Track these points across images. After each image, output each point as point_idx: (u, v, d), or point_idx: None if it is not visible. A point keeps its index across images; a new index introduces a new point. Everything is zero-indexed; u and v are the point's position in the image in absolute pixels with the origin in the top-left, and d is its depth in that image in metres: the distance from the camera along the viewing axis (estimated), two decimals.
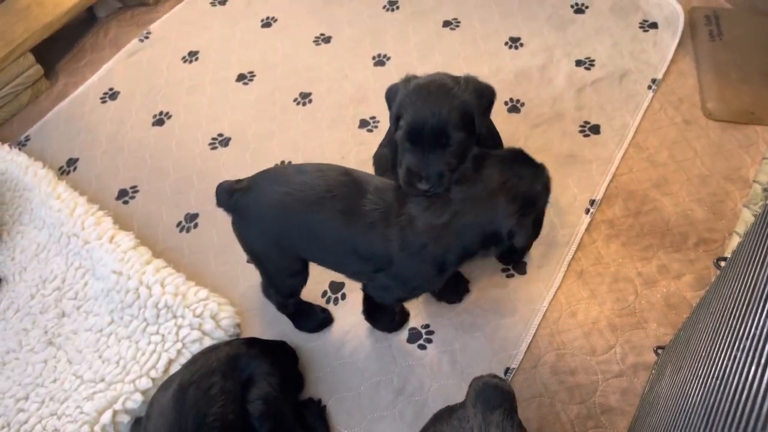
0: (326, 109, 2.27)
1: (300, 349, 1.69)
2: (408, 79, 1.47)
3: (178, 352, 1.64)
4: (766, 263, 0.84)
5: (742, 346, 0.74)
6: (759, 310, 0.77)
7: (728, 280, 1.04)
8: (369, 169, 1.91)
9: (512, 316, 1.71)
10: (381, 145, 1.90)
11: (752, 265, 0.91)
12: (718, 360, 0.80)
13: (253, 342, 1.57)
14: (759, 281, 0.83)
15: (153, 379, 1.60)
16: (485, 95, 1.45)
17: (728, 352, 0.78)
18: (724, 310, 0.93)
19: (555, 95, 2.18)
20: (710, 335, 0.94)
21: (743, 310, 0.82)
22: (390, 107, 1.50)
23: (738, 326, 0.79)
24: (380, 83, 2.32)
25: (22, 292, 1.89)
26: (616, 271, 1.76)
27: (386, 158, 1.85)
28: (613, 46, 2.30)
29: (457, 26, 2.47)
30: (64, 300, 1.84)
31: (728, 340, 0.81)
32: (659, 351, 1.54)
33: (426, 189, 1.38)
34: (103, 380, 1.63)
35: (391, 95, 1.50)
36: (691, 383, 0.93)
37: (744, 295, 0.86)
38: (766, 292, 0.79)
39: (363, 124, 2.20)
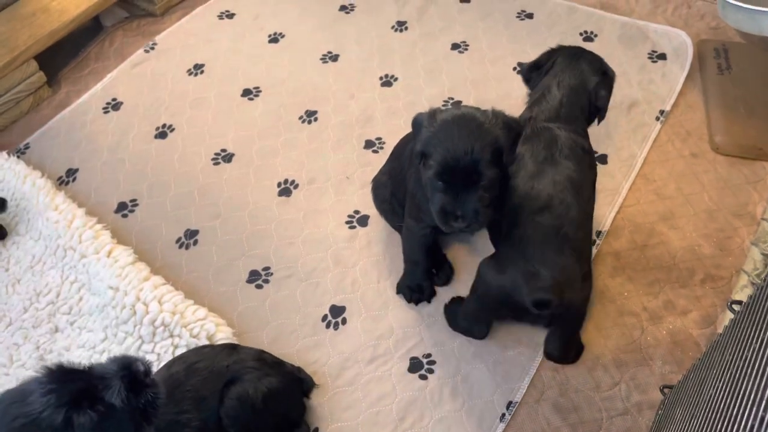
0: (332, 128, 2.25)
1: None
2: (433, 114, 1.42)
3: None
4: None
5: None
6: None
7: (745, 328, 1.02)
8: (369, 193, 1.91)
9: (515, 347, 1.67)
10: (381, 172, 1.88)
11: None
12: (742, 420, 0.78)
13: (261, 353, 1.54)
14: None
15: None
16: (514, 129, 1.43)
17: (753, 412, 0.75)
18: (744, 362, 0.91)
19: None
20: (729, 387, 0.91)
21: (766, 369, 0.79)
22: (415, 139, 1.46)
23: (763, 386, 0.76)
24: (387, 104, 2.30)
25: (15, 305, 1.85)
26: (621, 306, 1.74)
27: (384, 186, 1.82)
28: (621, 75, 2.28)
29: (466, 49, 2.46)
30: (58, 315, 1.80)
31: (752, 398, 0.78)
32: (666, 390, 1.51)
33: (463, 227, 1.39)
34: None
35: (416, 127, 1.46)
36: None
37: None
38: None
39: (368, 144, 2.18)
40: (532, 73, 1.75)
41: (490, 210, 1.38)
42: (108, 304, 1.73)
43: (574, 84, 1.64)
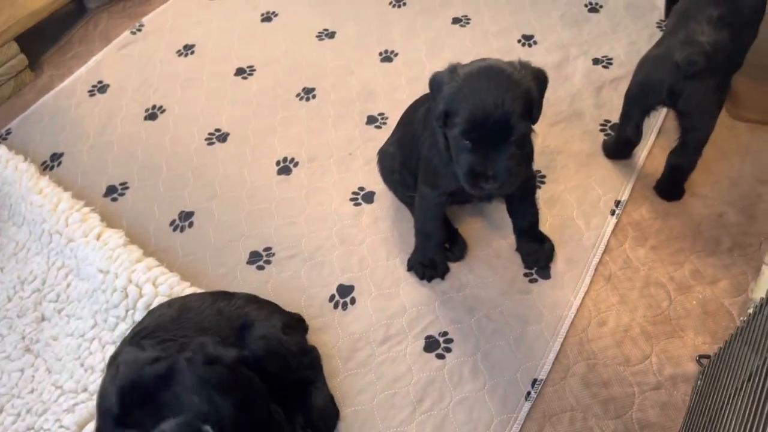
0: (331, 105, 2.14)
1: None
2: (453, 69, 1.31)
3: None
4: None
5: None
6: None
7: None
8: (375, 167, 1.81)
9: (537, 323, 1.57)
10: (387, 143, 1.79)
11: None
12: None
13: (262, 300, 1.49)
14: None
15: None
16: (542, 80, 1.33)
17: None
18: None
19: (573, 93, 2.08)
20: None
21: None
22: (435, 99, 1.35)
23: None
24: (388, 79, 2.20)
25: None
26: (646, 276, 1.64)
27: (392, 157, 1.73)
28: (631, 45, 2.20)
29: (467, 23, 2.37)
30: (44, 303, 1.68)
31: None
32: (703, 360, 1.41)
33: (495, 188, 1.28)
34: (85, 390, 1.47)
35: (435, 86, 1.35)
36: None
37: None
38: None
39: (371, 120, 2.07)
40: None
41: (522, 168, 1.28)
42: (97, 288, 1.61)
43: None
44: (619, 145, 1.85)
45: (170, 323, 1.27)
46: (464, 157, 1.28)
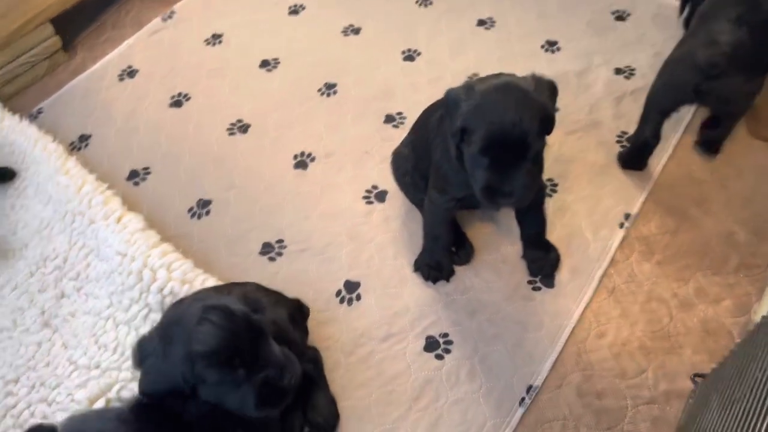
0: (351, 101, 2.17)
1: None
2: (470, 86, 1.33)
3: None
4: None
5: None
6: None
7: None
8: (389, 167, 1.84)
9: (537, 330, 1.60)
10: (402, 144, 1.81)
11: None
12: None
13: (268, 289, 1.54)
14: None
15: None
16: (554, 93, 1.35)
17: None
18: None
19: (592, 102, 2.08)
20: None
21: None
22: (451, 116, 1.37)
23: None
24: (409, 78, 2.22)
25: (21, 269, 1.80)
26: (649, 291, 1.65)
27: (405, 159, 1.76)
28: (655, 56, 2.19)
29: (492, 26, 2.37)
30: (65, 280, 1.75)
31: None
32: (697, 379, 1.42)
33: (511, 203, 1.32)
34: (98, 366, 1.54)
35: (452, 103, 1.36)
36: (758, 417, 0.82)
37: None
38: None
39: (389, 119, 2.10)
40: None
41: (536, 183, 1.30)
42: (115, 270, 1.67)
43: None
44: (636, 150, 1.85)
45: None
46: (481, 173, 1.30)
